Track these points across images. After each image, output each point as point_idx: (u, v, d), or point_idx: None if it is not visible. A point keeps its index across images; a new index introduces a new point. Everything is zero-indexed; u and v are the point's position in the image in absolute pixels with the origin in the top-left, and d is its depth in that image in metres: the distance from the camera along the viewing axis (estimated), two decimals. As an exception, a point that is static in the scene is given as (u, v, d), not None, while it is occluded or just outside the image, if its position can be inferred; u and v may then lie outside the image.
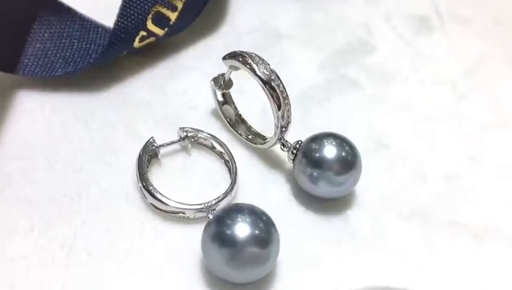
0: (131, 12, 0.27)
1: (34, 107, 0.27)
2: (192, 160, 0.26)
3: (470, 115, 0.29)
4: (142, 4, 0.27)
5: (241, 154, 0.26)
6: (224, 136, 0.27)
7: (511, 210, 0.26)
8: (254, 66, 0.24)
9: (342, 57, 0.31)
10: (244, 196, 0.25)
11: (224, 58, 0.25)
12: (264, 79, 0.24)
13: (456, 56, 0.32)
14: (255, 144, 0.26)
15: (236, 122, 0.27)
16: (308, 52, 0.31)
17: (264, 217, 0.22)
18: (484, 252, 0.24)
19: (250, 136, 0.27)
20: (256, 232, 0.21)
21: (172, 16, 0.28)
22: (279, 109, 0.24)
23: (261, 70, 0.24)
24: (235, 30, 0.31)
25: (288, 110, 0.24)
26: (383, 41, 0.32)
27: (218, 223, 0.22)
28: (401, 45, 0.32)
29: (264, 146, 0.26)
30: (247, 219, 0.21)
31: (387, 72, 0.31)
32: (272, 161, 0.26)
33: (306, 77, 0.30)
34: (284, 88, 0.24)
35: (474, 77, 0.31)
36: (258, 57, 0.24)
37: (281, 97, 0.24)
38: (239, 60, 0.24)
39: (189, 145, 0.26)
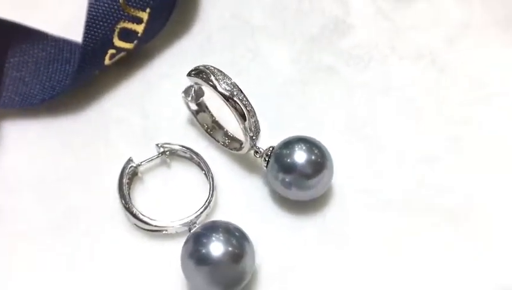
0: (96, 33, 0.27)
1: (17, 135, 0.28)
2: (172, 173, 0.27)
3: (452, 92, 0.29)
4: (105, 23, 0.27)
5: (219, 159, 0.27)
6: (202, 144, 0.27)
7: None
8: (215, 82, 0.24)
9: (317, 44, 0.30)
10: (223, 203, 0.26)
11: (188, 74, 0.25)
12: (226, 94, 0.24)
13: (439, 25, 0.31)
14: (232, 149, 0.27)
15: (213, 129, 0.27)
16: (282, 43, 0.31)
17: (237, 233, 0.23)
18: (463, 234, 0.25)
19: (227, 142, 0.27)
20: (230, 249, 0.22)
21: (139, 28, 0.28)
22: (244, 121, 0.24)
23: (223, 86, 0.24)
24: (208, 28, 0.31)
25: (255, 120, 0.25)
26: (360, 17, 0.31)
27: (195, 242, 0.23)
28: (380, 20, 0.31)
29: (240, 152, 0.26)
30: (221, 237, 0.22)
31: (365, 54, 0.30)
32: (249, 165, 0.27)
33: (280, 71, 0.30)
34: (247, 100, 0.24)
35: (457, 47, 0.30)
36: (220, 72, 0.24)
37: (244, 110, 0.24)
38: (202, 78, 0.24)
39: (168, 160, 0.27)
